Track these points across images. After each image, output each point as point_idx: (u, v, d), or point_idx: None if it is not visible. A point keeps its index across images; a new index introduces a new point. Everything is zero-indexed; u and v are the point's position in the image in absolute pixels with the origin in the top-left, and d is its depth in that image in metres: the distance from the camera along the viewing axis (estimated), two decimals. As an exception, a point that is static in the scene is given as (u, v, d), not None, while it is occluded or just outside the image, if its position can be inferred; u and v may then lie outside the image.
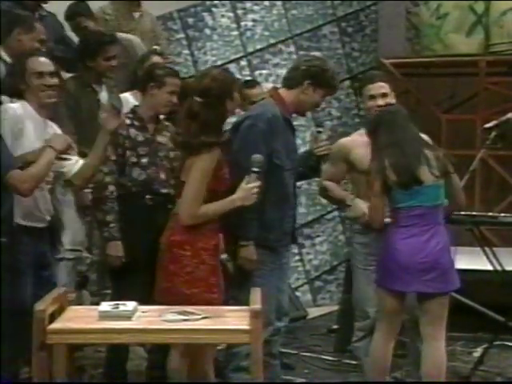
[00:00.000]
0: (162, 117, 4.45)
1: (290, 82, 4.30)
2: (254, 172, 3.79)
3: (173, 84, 4.35)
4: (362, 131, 4.46)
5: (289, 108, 4.27)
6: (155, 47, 5.44)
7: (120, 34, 5.51)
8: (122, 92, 5.11)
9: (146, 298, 3.77)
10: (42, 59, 4.10)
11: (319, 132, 4.49)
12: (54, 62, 4.11)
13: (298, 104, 4.28)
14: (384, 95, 4.41)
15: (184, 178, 3.83)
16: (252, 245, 4.07)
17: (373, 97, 4.41)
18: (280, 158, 4.17)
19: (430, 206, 4.03)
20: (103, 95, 5.01)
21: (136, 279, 4.15)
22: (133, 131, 4.29)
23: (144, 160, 4.28)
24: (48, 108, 4.09)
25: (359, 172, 4.38)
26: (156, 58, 5.13)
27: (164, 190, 4.29)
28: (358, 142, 4.43)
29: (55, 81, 4.08)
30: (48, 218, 4.09)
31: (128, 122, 4.31)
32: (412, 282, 3.99)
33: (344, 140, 4.59)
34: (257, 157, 3.85)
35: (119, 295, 3.99)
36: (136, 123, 4.32)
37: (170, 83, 4.33)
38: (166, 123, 4.44)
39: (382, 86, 4.43)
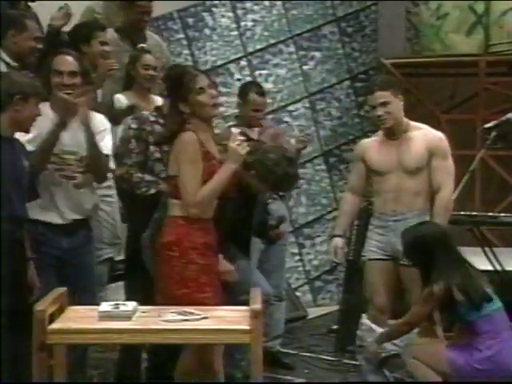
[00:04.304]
0: None
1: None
2: (233, 126, 3.80)
3: None
4: (379, 133, 4.62)
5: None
6: (142, 45, 5.41)
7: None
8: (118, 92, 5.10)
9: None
10: (66, 57, 4.08)
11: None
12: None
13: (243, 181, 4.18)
14: (383, 104, 4.44)
15: (171, 172, 3.87)
16: (222, 257, 4.03)
17: (373, 107, 4.47)
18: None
19: (498, 309, 4.07)
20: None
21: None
22: (158, 127, 4.29)
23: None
24: (70, 107, 4.04)
25: (371, 171, 4.56)
26: (148, 57, 5.11)
27: None
28: (372, 144, 4.62)
29: (75, 80, 4.05)
30: (69, 214, 4.06)
31: (153, 118, 4.32)
32: None
33: (362, 141, 4.82)
34: (226, 114, 3.87)
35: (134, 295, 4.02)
36: (161, 121, 4.32)
37: None
38: None
39: (380, 96, 4.46)
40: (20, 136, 3.87)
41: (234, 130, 3.84)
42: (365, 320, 4.52)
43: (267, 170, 4.07)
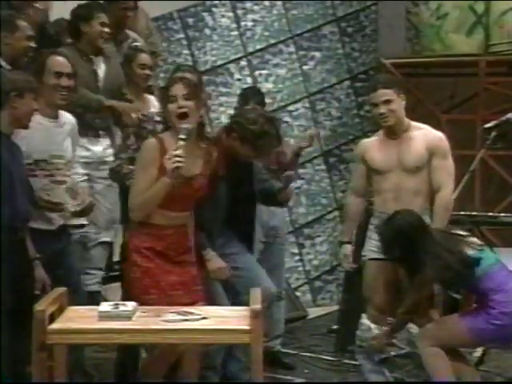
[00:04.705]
0: None
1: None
2: (180, 139, 3.70)
3: None
4: (380, 133, 4.61)
5: (226, 151, 4.17)
6: (136, 44, 5.38)
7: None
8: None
9: None
10: (61, 59, 4.11)
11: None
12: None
13: (230, 150, 4.18)
14: (386, 102, 4.44)
15: None
16: (215, 255, 4.07)
17: (375, 105, 4.47)
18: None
19: (494, 262, 4.11)
20: (101, 66, 4.92)
21: None
22: (160, 127, 4.29)
23: None
24: (57, 108, 4.11)
25: (371, 170, 4.57)
26: (144, 56, 5.08)
27: None
28: (373, 143, 4.62)
29: (71, 82, 4.10)
30: (60, 220, 4.07)
31: (158, 118, 4.33)
32: None
33: (363, 141, 4.82)
34: (186, 127, 3.73)
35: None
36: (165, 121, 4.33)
37: None
38: None
39: (383, 94, 4.46)
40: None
41: (179, 141, 3.70)
42: (364, 320, 4.52)
43: (246, 129, 4.08)
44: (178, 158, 3.61)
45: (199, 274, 3.92)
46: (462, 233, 4.23)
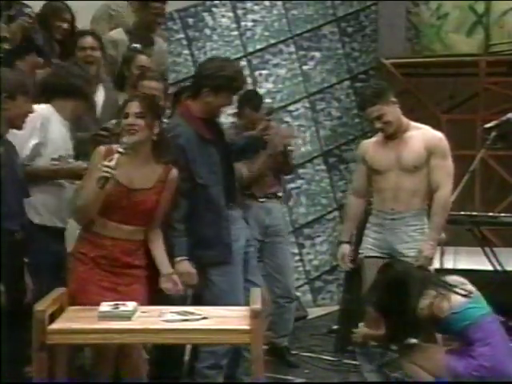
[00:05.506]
0: None
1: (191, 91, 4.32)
2: (117, 151, 3.67)
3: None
4: (380, 134, 4.60)
5: (199, 117, 4.19)
6: (135, 45, 5.35)
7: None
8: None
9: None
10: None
11: (269, 120, 4.67)
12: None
13: (205, 111, 4.20)
14: (378, 118, 4.46)
15: None
16: (186, 259, 4.03)
17: (370, 121, 4.52)
18: (202, 177, 4.11)
19: (486, 313, 4.01)
20: (99, 95, 4.93)
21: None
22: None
23: None
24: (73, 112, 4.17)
25: (371, 170, 4.58)
26: (142, 58, 5.05)
27: None
28: (373, 143, 4.63)
29: None
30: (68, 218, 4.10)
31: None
32: None
33: (364, 141, 4.82)
34: (126, 141, 3.73)
35: None
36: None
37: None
38: None
39: (372, 111, 4.46)
40: (25, 138, 3.89)
41: (116, 153, 3.70)
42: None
43: (219, 77, 4.10)
44: (107, 169, 3.61)
45: (142, 288, 3.82)
46: (452, 281, 4.07)
